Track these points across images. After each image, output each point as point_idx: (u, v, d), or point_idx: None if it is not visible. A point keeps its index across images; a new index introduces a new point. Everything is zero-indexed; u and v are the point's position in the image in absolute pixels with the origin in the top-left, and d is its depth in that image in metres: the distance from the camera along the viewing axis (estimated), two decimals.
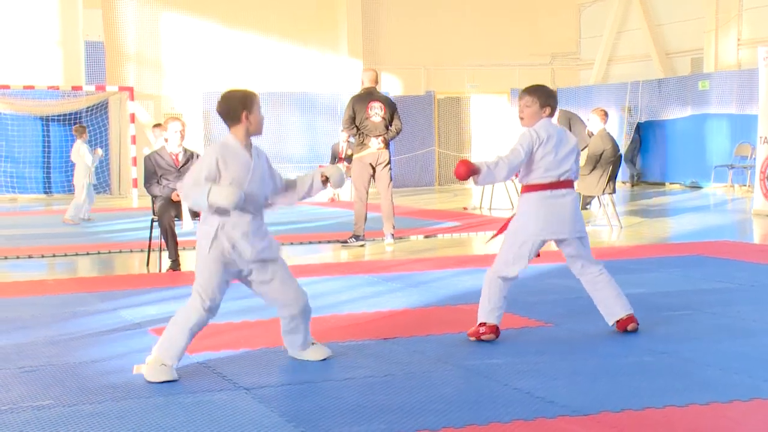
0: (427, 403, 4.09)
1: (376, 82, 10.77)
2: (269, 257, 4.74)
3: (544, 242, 5.43)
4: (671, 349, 5.05)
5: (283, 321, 4.91)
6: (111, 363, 4.95)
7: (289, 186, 5.00)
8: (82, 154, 13.82)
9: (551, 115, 5.42)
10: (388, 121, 10.56)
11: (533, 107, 5.37)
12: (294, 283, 4.84)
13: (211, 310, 4.68)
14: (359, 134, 10.50)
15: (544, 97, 5.38)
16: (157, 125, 8.19)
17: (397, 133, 10.68)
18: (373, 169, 10.55)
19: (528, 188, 5.40)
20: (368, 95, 10.60)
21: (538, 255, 5.50)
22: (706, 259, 8.65)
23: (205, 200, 4.56)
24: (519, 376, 4.54)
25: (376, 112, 10.49)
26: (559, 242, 5.48)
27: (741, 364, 4.72)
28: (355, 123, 10.48)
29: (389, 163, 10.61)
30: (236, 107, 4.66)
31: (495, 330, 5.39)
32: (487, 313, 5.39)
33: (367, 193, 10.60)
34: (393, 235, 10.57)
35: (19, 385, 4.52)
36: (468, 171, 5.21)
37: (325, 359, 4.92)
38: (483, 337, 5.38)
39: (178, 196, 8.37)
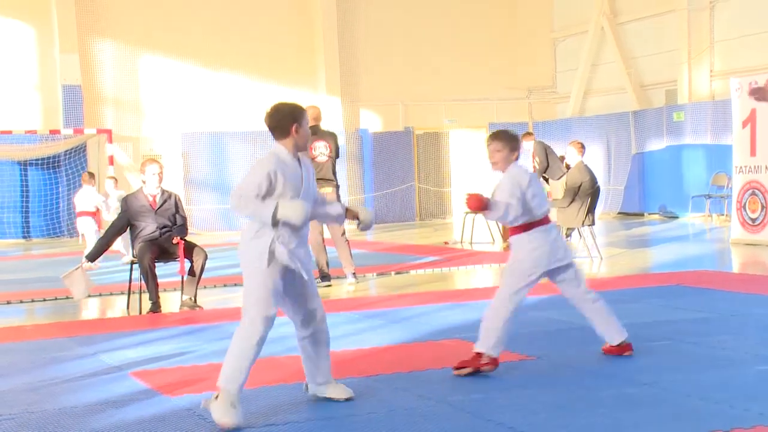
0: None
1: (320, 119, 10.08)
2: (311, 267, 4.85)
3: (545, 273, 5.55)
4: (652, 380, 5.07)
5: (303, 344, 4.87)
6: (92, 409, 4.90)
7: (324, 203, 5.08)
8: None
9: (518, 158, 5.58)
10: (335, 158, 10.07)
11: (504, 152, 5.50)
12: (319, 299, 4.89)
13: (268, 322, 4.62)
14: None
15: (514, 141, 5.55)
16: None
17: (338, 156, 10.22)
18: None
19: (523, 228, 5.50)
20: (311, 134, 10.17)
21: None
22: (686, 289, 8.69)
23: (269, 216, 4.56)
24: (501, 411, 4.54)
25: (321, 152, 9.95)
26: (556, 270, 5.58)
27: (721, 393, 4.73)
28: None
29: None
30: (286, 120, 4.73)
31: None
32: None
33: (322, 235, 10.07)
34: (354, 274, 10.14)
35: None
36: (480, 204, 5.36)
37: (348, 399, 4.83)
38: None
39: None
